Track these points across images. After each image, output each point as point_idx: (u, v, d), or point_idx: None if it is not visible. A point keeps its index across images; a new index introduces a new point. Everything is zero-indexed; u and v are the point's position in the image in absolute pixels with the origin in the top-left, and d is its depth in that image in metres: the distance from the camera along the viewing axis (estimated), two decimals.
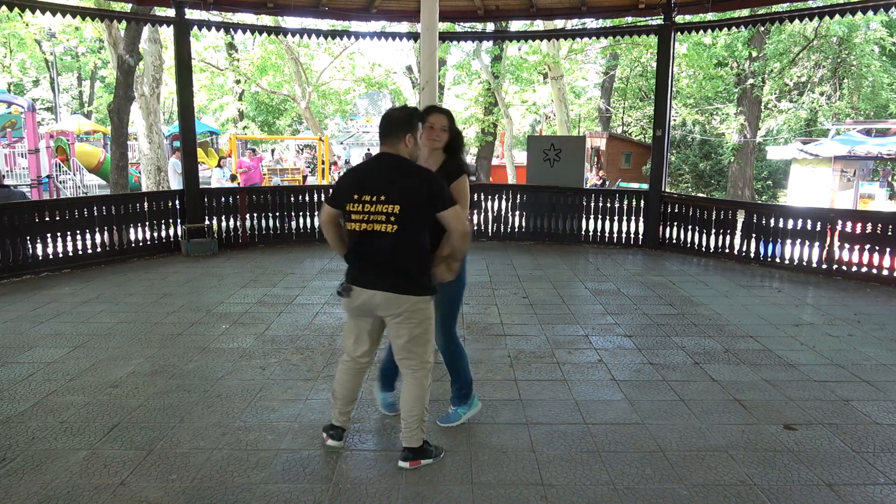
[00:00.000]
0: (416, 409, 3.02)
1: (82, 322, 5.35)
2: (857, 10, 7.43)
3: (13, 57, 30.37)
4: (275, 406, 3.72)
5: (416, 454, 3.05)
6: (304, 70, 21.62)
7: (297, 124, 36.38)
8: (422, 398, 3.02)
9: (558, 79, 17.44)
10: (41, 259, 7.20)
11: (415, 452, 3.05)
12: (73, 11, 7.79)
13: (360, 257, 2.98)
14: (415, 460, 3.04)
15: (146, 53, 12.30)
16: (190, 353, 4.62)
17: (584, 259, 8.38)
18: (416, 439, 3.04)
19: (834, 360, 4.58)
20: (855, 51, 21.28)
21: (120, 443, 3.27)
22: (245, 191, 9.70)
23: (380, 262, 2.91)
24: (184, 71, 8.31)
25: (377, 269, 2.92)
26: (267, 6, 8.74)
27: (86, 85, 37.17)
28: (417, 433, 3.04)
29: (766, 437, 3.39)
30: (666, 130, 8.82)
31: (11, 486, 2.86)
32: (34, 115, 16.06)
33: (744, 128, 21.09)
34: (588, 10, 9.12)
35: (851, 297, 6.52)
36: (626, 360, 4.58)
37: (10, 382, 4.04)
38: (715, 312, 5.81)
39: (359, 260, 2.99)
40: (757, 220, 7.98)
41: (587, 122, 31.59)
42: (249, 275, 7.21)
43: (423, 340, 3.00)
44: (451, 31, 13.70)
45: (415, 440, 3.04)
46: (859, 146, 14.24)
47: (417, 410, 3.02)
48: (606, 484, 2.94)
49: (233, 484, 2.90)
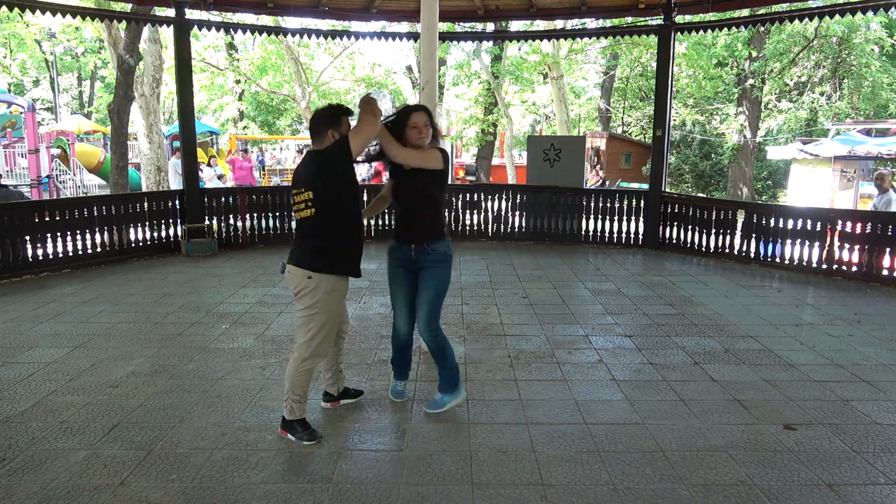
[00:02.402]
0: (287, 385, 3.26)
1: (82, 322, 5.35)
2: (857, 10, 7.42)
3: (13, 57, 30.36)
4: (275, 406, 3.71)
5: (286, 426, 3.31)
6: (304, 70, 21.62)
7: (297, 124, 36.37)
8: (291, 377, 3.24)
9: (558, 79, 17.45)
10: (41, 259, 7.20)
11: (286, 424, 3.31)
12: (73, 11, 7.79)
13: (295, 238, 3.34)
14: (283, 430, 3.32)
15: (146, 53, 12.31)
16: (190, 353, 4.62)
17: (584, 259, 8.38)
18: (288, 412, 3.29)
19: (834, 360, 4.58)
20: (855, 51, 21.27)
21: (120, 443, 3.27)
22: (245, 191, 9.70)
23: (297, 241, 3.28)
24: (184, 71, 8.31)
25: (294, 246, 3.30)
26: (267, 6, 8.74)
27: (86, 85, 37.15)
28: (290, 407, 3.28)
29: (766, 437, 3.39)
30: (666, 130, 8.82)
31: (11, 486, 2.86)
32: (34, 115, 16.06)
33: (744, 128, 21.08)
34: (588, 10, 9.12)
35: (851, 297, 6.52)
36: (626, 360, 4.58)
37: (10, 382, 4.04)
38: (715, 312, 5.81)
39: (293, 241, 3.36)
40: (757, 220, 7.98)
41: (587, 122, 31.59)
42: (249, 275, 7.21)
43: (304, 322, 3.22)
44: (451, 31, 13.70)
45: (288, 412, 3.29)
46: (859, 146, 14.22)
47: (288, 386, 3.26)
48: (606, 484, 2.94)
49: (233, 484, 2.90)
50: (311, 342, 3.21)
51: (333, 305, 3.23)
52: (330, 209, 3.16)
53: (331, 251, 3.19)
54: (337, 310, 3.28)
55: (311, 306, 3.17)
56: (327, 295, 3.17)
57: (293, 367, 3.24)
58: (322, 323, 3.20)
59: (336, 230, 3.19)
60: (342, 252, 3.23)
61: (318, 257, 3.17)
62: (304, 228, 3.22)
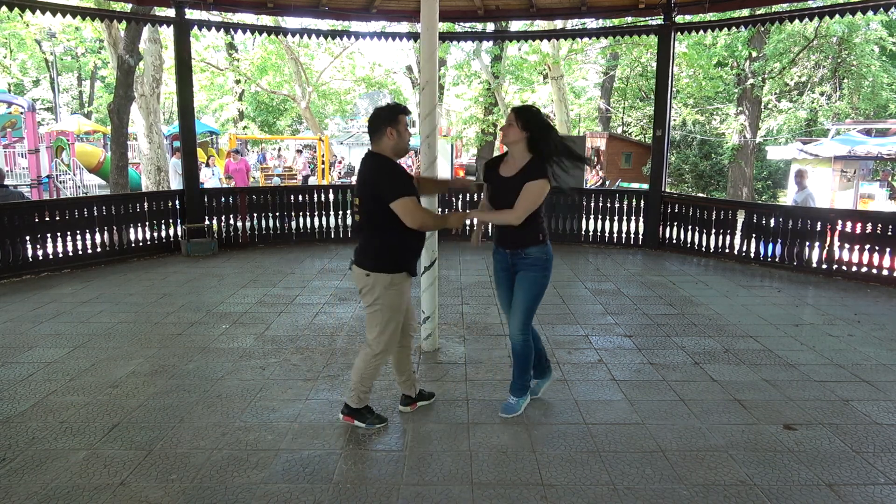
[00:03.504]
0: (355, 378, 3.40)
1: (82, 322, 5.35)
2: (857, 10, 7.42)
3: (13, 57, 30.36)
4: (275, 406, 3.72)
5: (350, 411, 3.45)
6: (304, 70, 21.62)
7: (297, 124, 36.37)
8: (360, 371, 3.39)
9: (558, 79, 17.44)
10: (41, 259, 7.20)
11: (349, 410, 3.45)
12: (73, 11, 7.79)
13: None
14: (348, 416, 3.46)
15: (146, 53, 12.30)
16: (190, 353, 4.62)
17: (584, 259, 8.38)
18: (352, 400, 3.44)
19: (834, 360, 4.58)
20: (855, 51, 21.26)
21: (120, 443, 3.27)
22: (245, 191, 9.70)
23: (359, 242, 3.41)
24: (184, 71, 8.31)
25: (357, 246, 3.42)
26: (267, 6, 8.74)
27: (86, 85, 37.14)
28: (354, 396, 3.42)
29: (766, 437, 3.39)
30: (666, 130, 8.82)
31: (11, 486, 2.86)
32: (34, 115, 16.06)
33: (744, 128, 21.08)
34: (588, 10, 9.11)
35: (851, 297, 6.52)
36: (626, 360, 4.58)
37: (10, 382, 4.04)
38: (715, 312, 5.81)
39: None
40: (757, 220, 7.98)
41: (587, 122, 31.58)
42: (249, 275, 7.21)
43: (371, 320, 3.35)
44: (451, 31, 13.69)
45: (352, 400, 3.44)
46: (859, 146, 14.23)
47: (356, 379, 3.40)
48: (606, 484, 2.94)
49: (233, 484, 2.90)
50: (381, 337, 3.35)
51: (393, 301, 3.33)
52: (373, 219, 3.28)
53: (382, 252, 3.30)
54: (398, 305, 3.36)
55: (372, 303, 3.32)
56: (385, 291, 3.29)
57: (364, 360, 3.38)
58: (387, 318, 3.33)
59: (384, 234, 3.28)
60: (394, 253, 3.31)
61: (372, 257, 3.31)
62: (358, 229, 3.41)
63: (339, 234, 9.45)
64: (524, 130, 3.42)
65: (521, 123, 3.42)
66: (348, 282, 6.75)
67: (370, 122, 3.33)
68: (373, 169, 3.29)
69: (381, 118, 3.28)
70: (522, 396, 3.70)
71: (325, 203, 9.37)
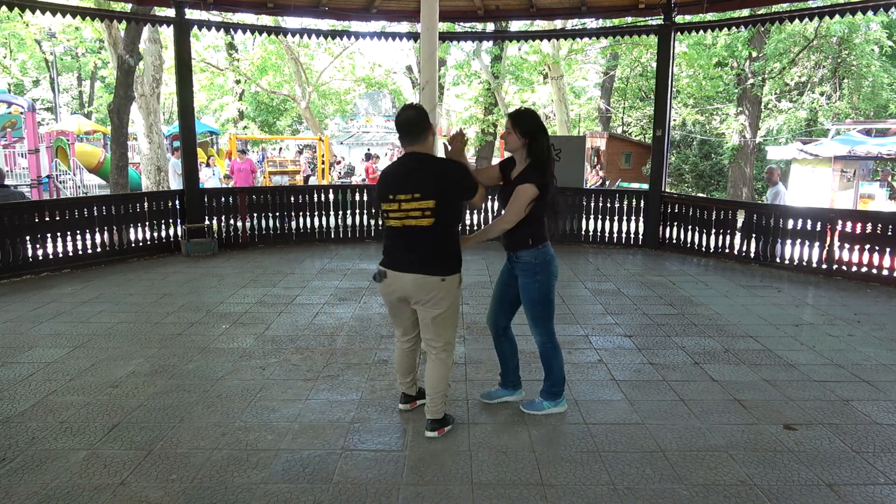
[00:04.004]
0: (441, 386, 3.33)
1: (82, 322, 5.35)
2: (857, 10, 7.42)
3: (13, 57, 30.36)
4: (275, 406, 3.72)
5: (440, 424, 3.38)
6: (304, 70, 21.63)
7: (297, 124, 36.37)
8: (445, 377, 3.33)
9: (558, 79, 17.44)
10: (41, 259, 7.20)
11: (439, 423, 3.38)
12: (73, 11, 7.79)
13: (397, 247, 3.27)
14: (441, 429, 3.38)
15: (146, 53, 12.30)
16: (190, 353, 4.62)
17: (584, 259, 8.38)
18: (439, 412, 3.37)
19: (834, 360, 4.58)
20: (855, 51, 21.27)
21: (120, 443, 3.27)
22: (245, 191, 9.70)
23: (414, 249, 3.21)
24: (184, 71, 8.31)
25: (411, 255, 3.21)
26: (267, 6, 8.74)
27: (86, 85, 37.15)
28: (441, 407, 3.37)
29: (766, 437, 3.39)
30: (666, 130, 8.82)
31: (11, 486, 2.86)
32: (34, 115, 16.06)
33: (744, 128, 21.08)
34: (588, 10, 9.12)
35: (851, 297, 6.52)
36: (626, 360, 4.58)
37: (10, 382, 4.04)
38: (715, 312, 5.81)
39: (395, 249, 3.28)
40: (757, 220, 7.99)
41: (587, 122, 31.59)
42: (249, 275, 7.21)
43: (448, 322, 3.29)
44: (451, 31, 13.70)
45: (438, 413, 3.37)
46: (859, 146, 14.22)
47: (441, 387, 3.33)
48: (606, 484, 2.94)
49: (233, 484, 2.90)
50: (454, 338, 3.37)
51: (459, 296, 3.34)
52: (446, 219, 3.19)
53: (453, 253, 3.28)
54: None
55: (450, 306, 3.26)
56: (458, 290, 3.30)
57: (445, 368, 3.33)
58: (457, 318, 3.38)
59: (453, 234, 3.28)
60: (458, 250, 3.32)
61: (445, 260, 3.23)
62: (419, 236, 3.17)
63: (339, 235, 9.45)
64: (523, 137, 3.44)
65: (520, 130, 3.44)
66: (348, 282, 6.75)
67: (412, 122, 3.21)
68: (447, 168, 3.22)
69: (424, 117, 3.23)
70: (551, 401, 3.65)
71: (325, 203, 9.38)
